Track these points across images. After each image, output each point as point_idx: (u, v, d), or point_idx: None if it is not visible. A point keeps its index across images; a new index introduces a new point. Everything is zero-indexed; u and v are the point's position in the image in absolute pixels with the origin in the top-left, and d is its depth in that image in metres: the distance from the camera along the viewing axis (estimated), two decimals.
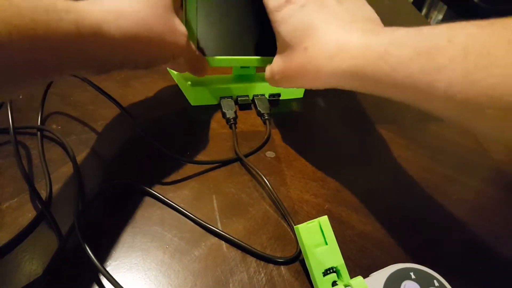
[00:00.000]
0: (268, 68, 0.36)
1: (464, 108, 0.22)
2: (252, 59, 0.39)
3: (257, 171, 0.33)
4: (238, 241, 0.28)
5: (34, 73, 0.23)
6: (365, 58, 0.26)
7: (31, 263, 0.25)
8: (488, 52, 0.20)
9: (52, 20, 0.22)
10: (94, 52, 0.26)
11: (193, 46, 0.35)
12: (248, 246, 0.28)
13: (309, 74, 0.30)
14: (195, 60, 0.36)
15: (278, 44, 0.33)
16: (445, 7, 1.26)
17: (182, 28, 0.32)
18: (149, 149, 0.34)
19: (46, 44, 0.22)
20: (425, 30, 0.23)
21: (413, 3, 1.11)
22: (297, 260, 0.28)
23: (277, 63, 0.34)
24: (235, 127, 0.38)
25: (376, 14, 0.32)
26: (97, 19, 0.25)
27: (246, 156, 0.35)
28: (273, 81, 0.35)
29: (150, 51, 0.30)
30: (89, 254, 0.24)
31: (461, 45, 0.21)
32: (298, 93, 0.44)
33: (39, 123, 0.35)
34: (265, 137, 0.37)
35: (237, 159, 0.35)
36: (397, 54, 0.24)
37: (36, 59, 0.22)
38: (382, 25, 0.31)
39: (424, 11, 1.33)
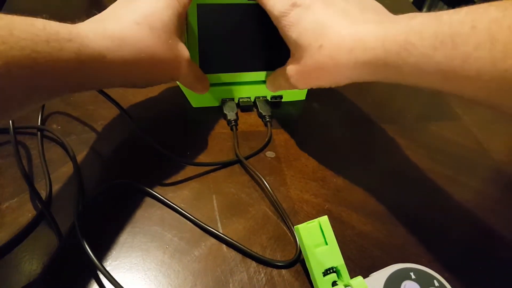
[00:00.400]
0: (279, 74, 0.36)
1: (499, 94, 0.21)
2: (253, 75, 0.40)
3: (257, 173, 0.33)
4: (239, 245, 0.28)
5: (31, 99, 0.23)
6: (385, 49, 0.25)
7: (31, 263, 0.25)
8: None
9: (53, 50, 0.22)
10: (94, 77, 0.26)
11: (195, 68, 0.36)
12: (249, 250, 0.27)
13: (328, 71, 0.30)
14: (196, 80, 0.36)
15: (290, 48, 0.33)
16: (445, 7, 1.26)
17: (184, 53, 0.32)
18: (149, 149, 0.34)
19: (45, 73, 0.22)
20: (444, 16, 0.23)
21: (413, 3, 1.11)
22: (297, 263, 0.27)
23: (291, 67, 0.33)
24: (236, 129, 0.38)
25: (380, 5, 0.32)
26: (100, 47, 0.25)
27: (247, 157, 0.35)
28: (287, 84, 0.35)
29: (150, 76, 0.31)
30: (89, 253, 0.24)
31: (486, 31, 0.20)
32: (301, 95, 0.44)
33: (39, 123, 0.36)
34: (266, 139, 0.37)
35: (238, 161, 0.35)
36: (419, 44, 0.23)
37: (34, 86, 0.22)
38: (391, 14, 0.30)
39: (424, 11, 1.33)
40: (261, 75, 0.40)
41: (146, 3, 0.29)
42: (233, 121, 0.39)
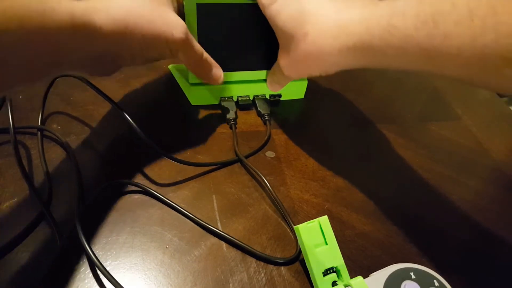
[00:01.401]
0: (275, 69, 0.37)
1: (479, 70, 0.21)
2: (253, 74, 0.40)
3: (258, 172, 0.33)
4: (239, 242, 0.28)
5: (28, 67, 0.24)
6: (369, 32, 0.26)
7: (31, 263, 0.25)
8: (494, 11, 0.19)
9: (46, 11, 0.23)
10: (86, 45, 0.26)
11: (196, 44, 0.34)
12: (249, 247, 0.28)
13: (315, 58, 0.30)
14: (196, 58, 0.34)
15: (278, 38, 0.33)
16: None
17: (178, 21, 0.31)
18: (149, 149, 0.34)
19: (41, 34, 0.23)
20: None
21: None
22: (297, 260, 0.27)
23: (282, 57, 0.34)
24: (235, 128, 0.38)
25: None
26: (88, 9, 0.26)
27: (247, 157, 0.35)
28: (283, 77, 0.36)
29: (143, 43, 0.30)
30: (89, 253, 0.24)
31: (465, 8, 0.20)
32: (299, 94, 0.44)
33: (39, 123, 0.36)
34: (266, 138, 0.37)
35: (237, 160, 0.35)
36: (401, 25, 0.23)
37: (30, 50, 0.23)
38: None
39: None
40: (260, 74, 0.41)
41: None
42: (232, 120, 0.39)
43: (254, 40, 0.38)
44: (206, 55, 0.35)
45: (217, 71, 0.37)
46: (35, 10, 0.22)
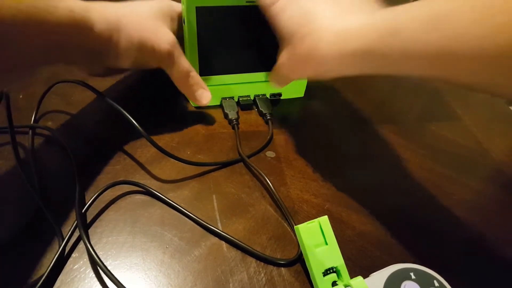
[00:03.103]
0: (277, 66, 0.36)
1: (494, 73, 0.20)
2: (253, 76, 0.40)
3: (260, 172, 0.33)
4: (239, 242, 0.28)
5: (31, 54, 0.28)
6: (371, 37, 0.25)
7: (31, 263, 0.25)
8: (507, 9, 0.18)
9: (49, 7, 0.27)
10: (80, 39, 0.30)
11: (184, 61, 0.35)
12: (249, 247, 0.28)
13: (314, 62, 0.29)
14: (181, 74, 0.36)
15: (279, 38, 0.33)
16: None
17: (167, 34, 0.34)
18: (150, 149, 0.34)
19: (43, 27, 0.27)
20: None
21: None
22: (298, 262, 0.27)
23: (282, 57, 0.33)
24: (238, 128, 0.38)
25: None
26: (86, 7, 0.30)
27: (249, 157, 0.35)
28: (282, 77, 0.35)
29: (130, 45, 0.33)
30: (91, 251, 0.24)
31: (479, 7, 0.20)
32: (299, 93, 0.44)
33: (38, 123, 0.36)
34: (268, 137, 0.37)
35: (240, 160, 0.35)
36: (409, 27, 0.23)
37: (34, 39, 0.27)
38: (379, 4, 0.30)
39: None
40: (261, 75, 0.41)
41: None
42: (234, 120, 0.39)
43: (253, 42, 0.38)
44: (193, 74, 0.36)
45: (203, 93, 0.37)
46: (40, 7, 0.26)
